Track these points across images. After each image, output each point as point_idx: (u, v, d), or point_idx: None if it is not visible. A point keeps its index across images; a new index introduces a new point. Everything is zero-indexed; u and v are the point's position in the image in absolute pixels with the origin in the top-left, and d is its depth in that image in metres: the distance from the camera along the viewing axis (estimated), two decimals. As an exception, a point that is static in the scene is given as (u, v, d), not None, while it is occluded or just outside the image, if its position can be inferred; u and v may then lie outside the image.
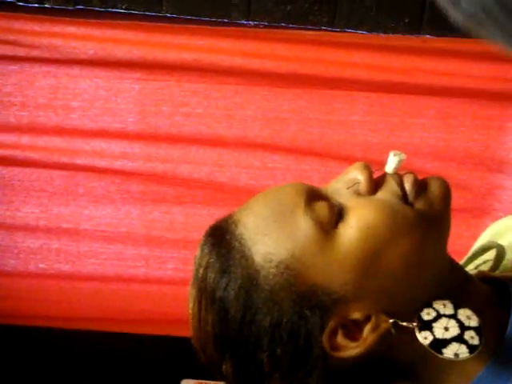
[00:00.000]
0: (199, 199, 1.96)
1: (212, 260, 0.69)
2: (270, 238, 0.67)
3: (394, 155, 0.70)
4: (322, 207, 0.68)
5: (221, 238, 0.70)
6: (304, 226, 0.67)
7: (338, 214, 0.67)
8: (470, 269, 0.80)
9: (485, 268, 0.78)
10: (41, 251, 2.01)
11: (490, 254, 0.79)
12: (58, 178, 1.95)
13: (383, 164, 0.71)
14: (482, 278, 0.75)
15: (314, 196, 0.69)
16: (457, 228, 1.94)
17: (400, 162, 0.70)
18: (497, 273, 0.77)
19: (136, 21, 1.80)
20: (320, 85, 1.87)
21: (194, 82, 1.88)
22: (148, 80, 1.87)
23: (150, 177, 1.94)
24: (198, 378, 2.03)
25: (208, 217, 1.96)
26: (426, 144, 1.92)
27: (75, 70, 1.85)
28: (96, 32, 1.78)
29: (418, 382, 0.70)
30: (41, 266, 2.02)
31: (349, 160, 1.90)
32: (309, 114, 1.90)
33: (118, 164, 1.93)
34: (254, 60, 1.83)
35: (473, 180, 1.97)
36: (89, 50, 1.78)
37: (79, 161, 1.92)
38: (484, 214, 1.99)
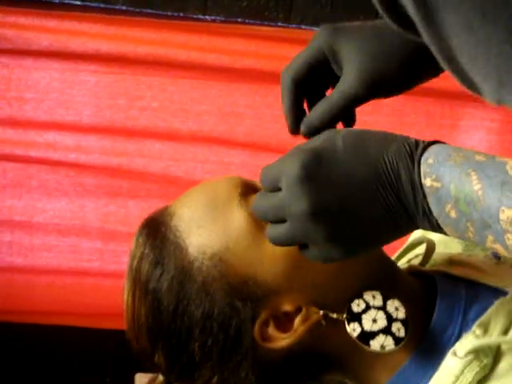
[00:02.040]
0: (154, 193, 1.96)
1: (146, 251, 0.70)
2: (205, 230, 0.68)
3: None
4: None
5: (156, 229, 0.71)
6: (238, 218, 0.68)
7: None
8: (403, 263, 0.82)
9: (416, 262, 0.80)
10: (-7, 244, 1.99)
11: (422, 248, 0.80)
12: (11, 171, 1.93)
13: None
14: (412, 272, 0.76)
15: (248, 189, 0.70)
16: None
17: None
18: (426, 267, 0.78)
19: (91, 13, 1.79)
20: (275, 80, 1.85)
21: (149, 76, 1.88)
22: (103, 73, 1.87)
23: (104, 170, 1.93)
24: (151, 372, 2.02)
25: (163, 211, 1.95)
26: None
27: (29, 62, 1.83)
28: (50, 23, 1.77)
29: (347, 374, 0.72)
30: (-7, 259, 1.99)
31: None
32: (264, 109, 1.91)
33: (72, 157, 1.92)
34: (210, 54, 1.83)
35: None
36: (43, 41, 1.77)
37: (32, 153, 1.90)
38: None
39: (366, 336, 0.66)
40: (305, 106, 0.69)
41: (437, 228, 0.58)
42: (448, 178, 0.55)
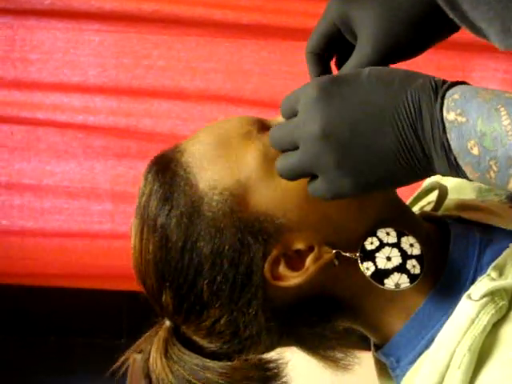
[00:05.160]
0: (163, 153, 1.95)
1: (155, 187, 0.69)
2: (216, 165, 0.67)
3: None
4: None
5: (165, 165, 0.70)
6: (250, 153, 0.67)
7: None
8: (415, 210, 0.81)
9: (428, 209, 0.78)
10: (3, 208, 1.98)
11: (434, 195, 0.79)
12: (19, 133, 1.92)
13: None
14: (425, 217, 0.75)
15: (261, 126, 0.70)
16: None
17: None
18: (439, 212, 0.77)
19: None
20: (283, 36, 1.84)
21: (155, 34, 1.85)
22: (107, 31, 1.84)
23: (112, 131, 1.92)
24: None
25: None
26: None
27: (32, 21, 1.81)
28: (52, -19, 1.74)
29: (359, 318, 0.70)
30: (3, 222, 1.99)
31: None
32: (272, 66, 1.88)
33: (80, 118, 1.90)
34: (216, 11, 1.80)
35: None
36: (45, 0, 1.74)
37: (39, 115, 1.88)
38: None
39: (380, 274, 0.64)
40: None
41: (454, 167, 0.56)
42: (475, 113, 0.53)
